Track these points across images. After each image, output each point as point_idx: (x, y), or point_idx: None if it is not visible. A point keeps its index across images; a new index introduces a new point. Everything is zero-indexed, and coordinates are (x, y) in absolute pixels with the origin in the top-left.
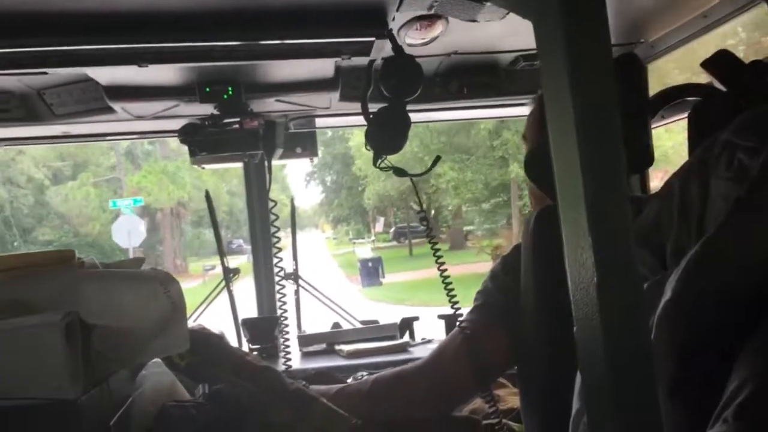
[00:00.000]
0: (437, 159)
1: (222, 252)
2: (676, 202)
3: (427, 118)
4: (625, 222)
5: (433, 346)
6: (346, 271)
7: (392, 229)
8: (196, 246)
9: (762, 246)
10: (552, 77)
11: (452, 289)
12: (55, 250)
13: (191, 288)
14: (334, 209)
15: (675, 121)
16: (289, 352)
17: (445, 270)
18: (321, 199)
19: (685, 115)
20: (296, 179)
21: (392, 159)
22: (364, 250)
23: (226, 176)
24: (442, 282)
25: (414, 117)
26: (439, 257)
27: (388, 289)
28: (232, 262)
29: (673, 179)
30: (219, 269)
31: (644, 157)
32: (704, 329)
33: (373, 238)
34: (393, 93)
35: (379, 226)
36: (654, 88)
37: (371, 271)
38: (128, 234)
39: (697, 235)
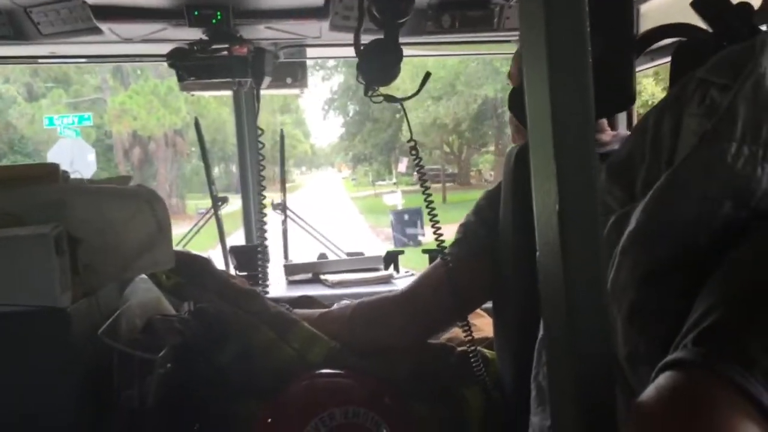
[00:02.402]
0: (427, 76)
1: (210, 179)
2: (649, 137)
3: (418, 52)
4: (589, 152)
5: None
6: (369, 218)
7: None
8: (194, 183)
9: (723, 178)
10: (527, 7)
11: (439, 227)
12: (39, 164)
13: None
14: (356, 145)
15: (664, 63)
16: (267, 280)
17: (432, 203)
18: (341, 134)
19: (667, 60)
20: (313, 111)
21: None
22: (394, 197)
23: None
24: (430, 219)
25: (406, 51)
26: (426, 188)
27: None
28: (236, 198)
29: (648, 115)
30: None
31: (626, 94)
32: (665, 258)
33: (394, 180)
34: (384, 15)
35: (402, 167)
36: None
37: (406, 226)
38: (70, 164)
39: (666, 169)
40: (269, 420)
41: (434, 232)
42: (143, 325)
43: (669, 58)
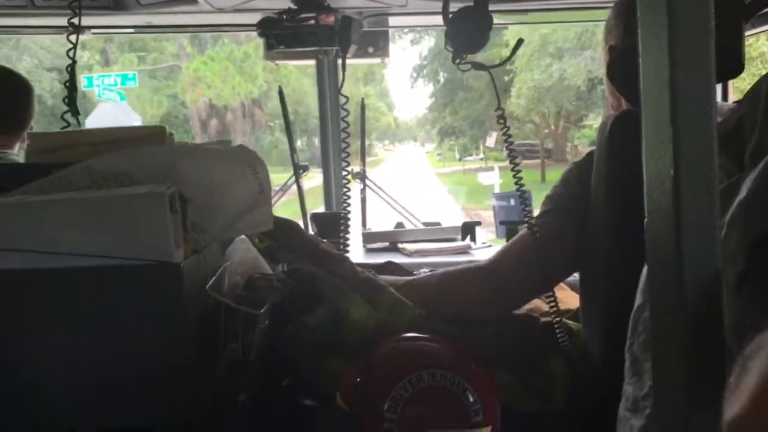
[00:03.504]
0: (519, 42)
1: (292, 147)
2: (762, 106)
3: (507, 21)
4: (708, 117)
5: (493, 251)
6: (460, 198)
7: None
8: (273, 156)
9: None
10: None
11: (529, 204)
12: (146, 126)
13: None
14: (446, 117)
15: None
16: (348, 246)
17: (521, 180)
18: (430, 105)
19: None
20: (398, 82)
21: None
22: (490, 175)
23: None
24: (515, 183)
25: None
26: (516, 164)
27: None
28: (317, 173)
29: (761, 82)
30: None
31: (735, 61)
32: None
33: (482, 155)
34: None
35: (491, 141)
36: None
37: (512, 214)
38: None
39: None
40: (358, 379)
41: (523, 209)
42: (244, 283)
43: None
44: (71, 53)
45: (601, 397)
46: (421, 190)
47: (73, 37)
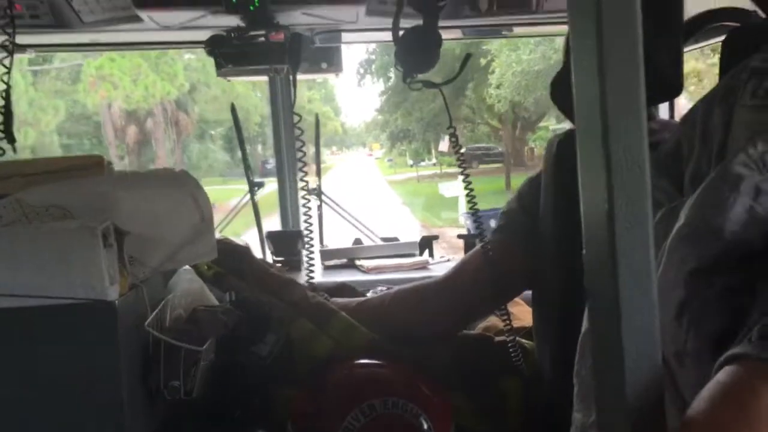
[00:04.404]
0: (467, 58)
1: (247, 164)
2: (699, 129)
3: (454, 36)
4: (641, 148)
5: (451, 265)
6: (417, 213)
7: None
8: (203, 168)
9: None
10: None
11: (477, 210)
12: (85, 155)
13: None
14: (398, 119)
15: (708, 45)
16: (312, 266)
17: (470, 185)
18: (380, 105)
19: (719, 39)
20: (343, 86)
21: None
22: (452, 187)
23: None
24: (467, 201)
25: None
26: (467, 175)
27: None
28: (268, 186)
29: (698, 105)
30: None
31: (674, 83)
32: (715, 255)
33: (434, 160)
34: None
35: (444, 146)
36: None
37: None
38: None
39: (716, 163)
40: (309, 410)
41: (476, 226)
42: (188, 317)
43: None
44: (5, 78)
45: (555, 417)
46: (373, 202)
47: (7, 61)
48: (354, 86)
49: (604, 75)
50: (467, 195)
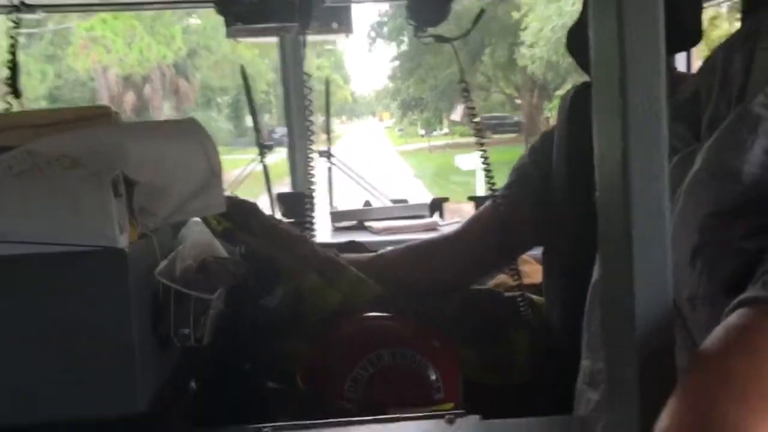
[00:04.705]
0: (481, 13)
1: (257, 128)
2: (718, 75)
3: None
4: (657, 90)
5: None
6: (432, 184)
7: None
8: None
9: None
10: None
11: (492, 176)
12: (92, 105)
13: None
14: (412, 85)
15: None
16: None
17: (487, 159)
18: (393, 71)
19: None
20: (352, 53)
21: None
22: (469, 158)
23: (266, 48)
24: (484, 169)
25: None
26: (485, 150)
27: None
28: (274, 155)
29: (717, 51)
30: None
31: (692, 32)
32: (730, 199)
33: (446, 129)
34: None
35: (457, 115)
36: None
37: None
38: None
39: (735, 107)
40: (318, 361)
41: (486, 182)
42: (197, 266)
43: None
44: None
45: (562, 369)
46: (384, 173)
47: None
48: (364, 53)
49: (622, 22)
50: (485, 170)
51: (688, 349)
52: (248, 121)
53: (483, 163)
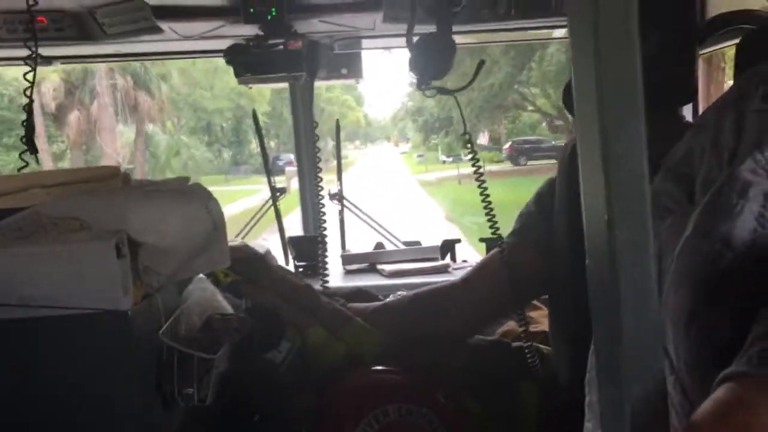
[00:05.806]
0: (481, 64)
1: (268, 170)
2: (710, 135)
3: (472, 40)
4: (639, 155)
5: None
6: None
7: (507, 145)
8: (176, 168)
9: None
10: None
11: (494, 215)
12: (102, 166)
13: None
14: (436, 103)
15: (725, 47)
16: (326, 271)
17: (487, 195)
18: (408, 93)
19: (736, 41)
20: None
21: None
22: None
23: None
24: (484, 208)
25: (460, 39)
26: (482, 181)
27: None
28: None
29: (709, 111)
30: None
31: (687, 88)
32: (723, 266)
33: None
34: (437, 4)
35: (484, 139)
36: None
37: None
38: None
39: (727, 169)
40: (324, 417)
41: (488, 220)
42: (202, 324)
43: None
44: (28, 92)
45: (570, 423)
46: (406, 214)
47: (30, 76)
48: (378, 66)
49: (601, 86)
50: (487, 212)
51: (685, 411)
52: (249, 148)
53: (483, 201)
